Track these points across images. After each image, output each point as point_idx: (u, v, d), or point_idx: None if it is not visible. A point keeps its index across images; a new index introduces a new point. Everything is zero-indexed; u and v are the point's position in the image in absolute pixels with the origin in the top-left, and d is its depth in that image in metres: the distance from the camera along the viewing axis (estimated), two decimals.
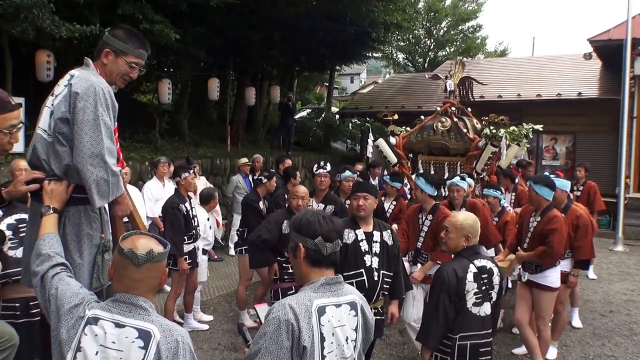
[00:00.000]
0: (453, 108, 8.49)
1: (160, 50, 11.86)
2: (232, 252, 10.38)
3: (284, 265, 5.56)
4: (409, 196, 8.77)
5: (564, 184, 5.99)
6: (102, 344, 2.15)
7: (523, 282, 5.72)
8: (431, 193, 5.94)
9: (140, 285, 2.24)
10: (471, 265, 3.77)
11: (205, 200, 7.60)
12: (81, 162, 2.82)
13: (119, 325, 2.18)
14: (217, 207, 10.37)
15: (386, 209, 7.89)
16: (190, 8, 10.64)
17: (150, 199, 8.06)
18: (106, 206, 3.12)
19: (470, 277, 3.74)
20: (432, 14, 29.58)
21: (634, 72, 13.22)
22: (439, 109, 8.59)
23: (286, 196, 6.24)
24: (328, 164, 6.73)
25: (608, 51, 14.29)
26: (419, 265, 5.85)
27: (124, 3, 9.55)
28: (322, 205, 6.48)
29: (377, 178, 10.36)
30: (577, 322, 7.30)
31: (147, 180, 9.15)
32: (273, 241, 5.46)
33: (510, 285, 6.92)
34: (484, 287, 3.78)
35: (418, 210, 6.01)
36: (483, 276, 3.78)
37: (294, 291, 5.36)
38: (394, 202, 7.97)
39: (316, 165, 6.78)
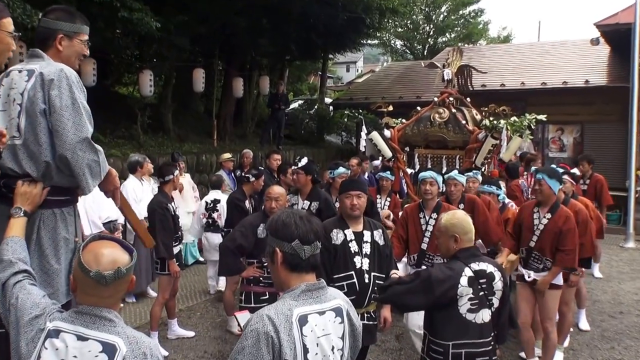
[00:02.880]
0: (451, 98, 8.48)
1: (141, 40, 11.82)
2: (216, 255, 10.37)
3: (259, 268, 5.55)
4: (405, 191, 8.80)
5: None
6: (63, 359, 2.11)
7: (525, 282, 5.71)
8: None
9: (108, 301, 2.21)
10: (466, 269, 3.67)
11: (217, 185, 8.33)
12: (70, 149, 2.80)
13: (81, 338, 2.13)
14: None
15: (382, 206, 7.92)
16: None
17: (134, 199, 7.99)
18: (78, 207, 3.11)
19: (463, 281, 3.65)
20: None
21: None
22: (436, 99, 8.58)
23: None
24: (303, 159, 6.73)
25: (616, 36, 14.26)
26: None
27: None
28: (307, 203, 6.48)
29: (366, 173, 10.32)
30: (584, 324, 7.28)
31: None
32: (248, 247, 5.43)
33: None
34: (481, 293, 3.68)
35: (418, 209, 5.96)
36: (481, 281, 3.68)
37: (267, 296, 5.36)
38: (388, 199, 7.99)
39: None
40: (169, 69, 14.12)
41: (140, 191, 8.15)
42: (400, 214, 6.52)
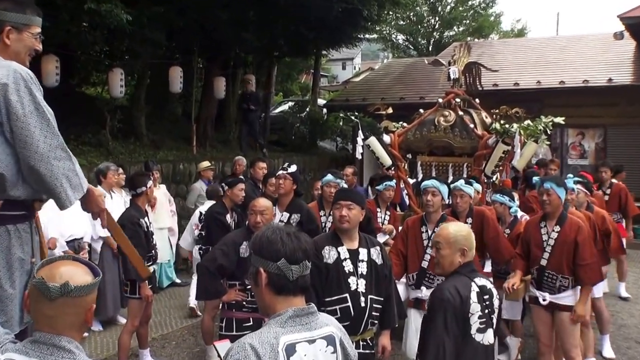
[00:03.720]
0: (458, 99, 8.50)
1: (110, 35, 11.78)
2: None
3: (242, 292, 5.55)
4: (407, 204, 8.82)
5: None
6: None
7: (541, 305, 5.74)
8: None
9: (54, 323, 2.17)
10: (473, 284, 3.74)
11: (212, 195, 8.37)
12: (43, 160, 2.80)
13: None
14: (175, 227, 10.36)
15: (382, 220, 7.94)
16: None
17: None
18: (40, 225, 3.10)
19: (474, 296, 3.70)
20: None
21: None
22: (441, 100, 8.60)
23: None
24: (293, 166, 6.78)
25: None
26: (424, 289, 5.81)
27: None
28: (286, 214, 6.50)
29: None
30: (608, 351, 7.30)
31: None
32: (230, 267, 5.42)
33: None
34: (486, 310, 3.75)
35: (420, 222, 5.98)
36: (485, 297, 3.76)
37: (251, 323, 5.34)
38: (388, 212, 8.02)
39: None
40: (143, 67, 14.12)
41: (108, 205, 8.12)
42: (400, 228, 6.54)
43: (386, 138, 8.54)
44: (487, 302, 3.75)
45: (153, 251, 6.65)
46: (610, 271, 8.64)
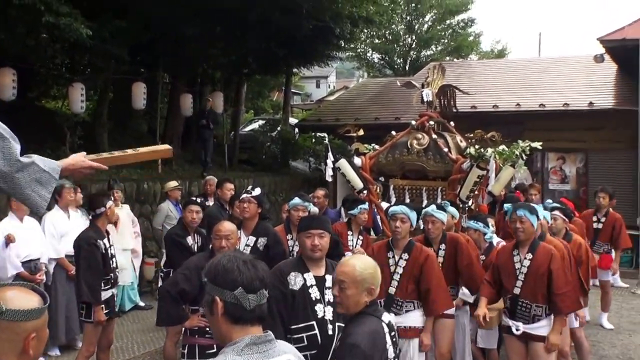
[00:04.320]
0: (431, 122, 8.63)
1: (71, 49, 11.80)
2: None
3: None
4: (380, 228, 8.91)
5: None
6: None
7: (515, 335, 5.85)
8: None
9: None
10: (383, 324, 3.64)
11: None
12: (5, 179, 2.83)
13: None
14: (139, 249, 10.36)
15: (354, 244, 7.98)
16: None
17: (53, 235, 7.97)
18: None
19: (388, 339, 3.63)
20: (413, 5, 30.01)
21: None
22: (414, 123, 8.73)
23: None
24: (257, 189, 6.84)
25: (623, 53, 14.65)
26: (392, 315, 5.90)
27: None
28: (252, 238, 6.56)
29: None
30: None
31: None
32: (192, 292, 5.44)
33: None
34: (395, 347, 3.71)
35: (386, 248, 6.07)
36: (392, 334, 3.70)
37: (214, 350, 5.37)
38: (360, 236, 8.06)
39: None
40: (105, 82, 14.14)
41: (63, 225, 8.12)
42: None
43: (357, 160, 8.63)
44: (394, 339, 3.73)
45: (112, 274, 6.65)
46: (592, 299, 8.79)
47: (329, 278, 4.57)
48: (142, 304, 10.44)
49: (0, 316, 2.13)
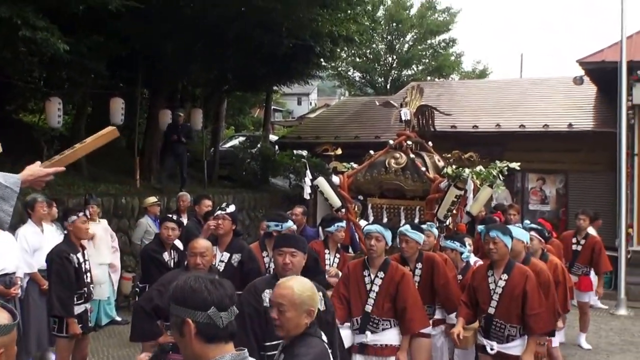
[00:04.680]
0: (409, 142, 8.71)
1: (48, 63, 11.77)
2: None
3: None
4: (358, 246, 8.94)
5: (521, 233, 6.33)
6: None
7: (489, 354, 5.90)
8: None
9: None
10: (324, 344, 3.65)
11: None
12: None
13: None
14: (117, 263, 10.34)
15: (331, 263, 7.99)
16: (87, 12, 10.65)
17: (26, 250, 7.92)
18: None
19: (332, 359, 3.64)
20: (394, 24, 30.20)
21: (633, 101, 13.72)
22: (392, 142, 8.80)
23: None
24: (231, 206, 6.91)
25: (602, 75, 14.79)
26: (369, 333, 5.94)
27: None
28: (227, 254, 6.59)
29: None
30: None
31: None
32: (167, 308, 5.44)
33: None
34: None
35: (362, 266, 6.11)
36: (331, 352, 3.72)
37: None
38: (337, 255, 8.08)
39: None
40: (83, 96, 14.12)
41: (36, 239, 8.07)
42: None
43: (335, 179, 8.68)
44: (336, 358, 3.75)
45: (85, 289, 6.66)
46: (570, 320, 8.86)
47: None
48: (118, 319, 10.41)
49: None
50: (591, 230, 10.47)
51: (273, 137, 22.31)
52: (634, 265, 13.68)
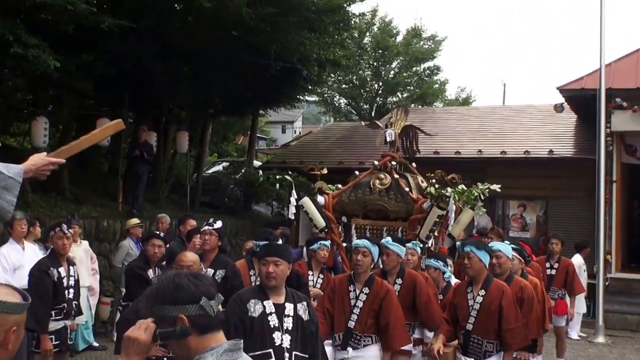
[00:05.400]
0: (394, 162, 8.85)
1: (35, 82, 11.80)
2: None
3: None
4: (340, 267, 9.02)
5: (507, 249, 6.45)
6: None
7: None
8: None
9: None
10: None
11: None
12: None
13: None
14: (96, 286, 10.30)
15: (314, 283, 8.06)
16: (77, 31, 10.73)
17: (6, 268, 7.89)
18: None
19: None
20: (380, 51, 30.45)
21: (611, 128, 13.97)
22: (377, 162, 8.94)
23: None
24: (219, 222, 6.99)
25: (582, 102, 15.09)
26: (350, 350, 6.00)
27: None
28: (211, 270, 6.63)
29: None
30: None
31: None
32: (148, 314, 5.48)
33: None
34: None
35: (347, 281, 6.17)
36: None
37: None
38: (321, 275, 8.15)
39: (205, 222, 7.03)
40: (69, 117, 14.13)
41: (17, 258, 8.03)
42: None
43: (320, 199, 8.78)
44: None
45: (65, 304, 6.64)
46: (547, 346, 8.93)
47: (288, 306, 4.64)
48: (96, 344, 10.26)
49: None
50: (577, 258, 10.64)
51: (257, 163, 22.33)
52: (612, 293, 13.82)
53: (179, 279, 2.57)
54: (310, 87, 20.31)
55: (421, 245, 8.08)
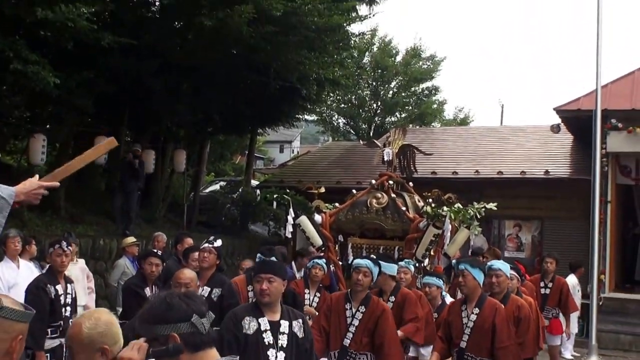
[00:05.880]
0: (391, 182, 8.90)
1: (34, 98, 11.83)
2: None
3: None
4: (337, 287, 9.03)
5: (506, 267, 6.47)
6: None
7: None
8: None
9: None
10: None
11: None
12: None
13: None
14: (92, 305, 10.26)
15: (310, 302, 8.07)
16: (77, 48, 10.78)
17: (0, 287, 7.89)
18: None
19: None
20: (379, 71, 30.52)
21: (607, 149, 14.06)
22: (374, 182, 8.99)
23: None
24: (218, 240, 7.04)
25: (578, 123, 15.14)
26: None
27: None
28: (207, 289, 6.67)
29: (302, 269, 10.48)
30: None
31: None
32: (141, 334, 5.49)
33: None
34: None
35: (344, 299, 6.21)
36: None
37: None
38: (318, 294, 8.16)
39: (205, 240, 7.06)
40: (67, 135, 14.16)
41: (11, 275, 7.97)
42: None
43: (317, 218, 8.83)
44: None
45: (62, 322, 6.61)
46: None
47: (284, 323, 4.66)
48: None
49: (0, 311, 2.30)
50: (572, 278, 10.66)
51: (254, 182, 22.34)
52: (605, 313, 13.82)
53: (170, 298, 2.63)
54: (309, 106, 20.36)
55: (416, 264, 8.14)
